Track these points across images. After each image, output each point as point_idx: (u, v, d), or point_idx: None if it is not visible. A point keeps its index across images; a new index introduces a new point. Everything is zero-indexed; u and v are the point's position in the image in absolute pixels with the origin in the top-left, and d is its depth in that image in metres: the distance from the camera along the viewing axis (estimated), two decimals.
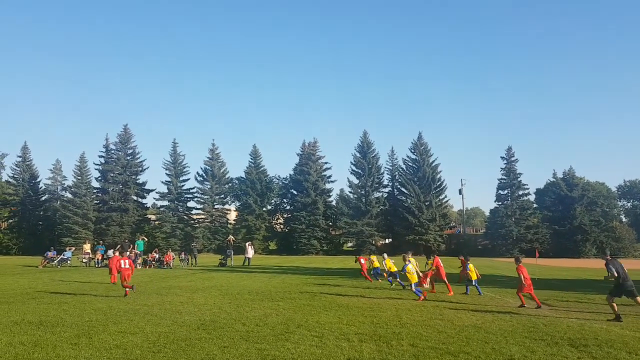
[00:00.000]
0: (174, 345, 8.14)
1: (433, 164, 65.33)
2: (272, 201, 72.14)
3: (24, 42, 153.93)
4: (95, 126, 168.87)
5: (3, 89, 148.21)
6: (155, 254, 32.48)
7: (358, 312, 12.20)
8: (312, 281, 21.00)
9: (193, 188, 68.06)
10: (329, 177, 68.96)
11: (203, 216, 68.19)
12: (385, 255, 20.38)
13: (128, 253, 32.11)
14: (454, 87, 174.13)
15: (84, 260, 31.95)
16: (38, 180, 67.67)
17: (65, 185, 67.83)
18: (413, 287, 15.13)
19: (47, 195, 68.78)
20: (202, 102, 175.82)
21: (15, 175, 67.19)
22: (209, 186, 67.77)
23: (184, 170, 67.36)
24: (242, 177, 69.39)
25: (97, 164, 64.65)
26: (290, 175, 70.11)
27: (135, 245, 32.14)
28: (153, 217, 69.08)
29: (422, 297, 14.70)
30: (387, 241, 68.04)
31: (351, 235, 64.42)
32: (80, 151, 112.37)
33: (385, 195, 67.13)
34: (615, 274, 11.75)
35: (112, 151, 64.99)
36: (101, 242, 40.24)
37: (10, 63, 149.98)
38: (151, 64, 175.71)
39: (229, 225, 68.41)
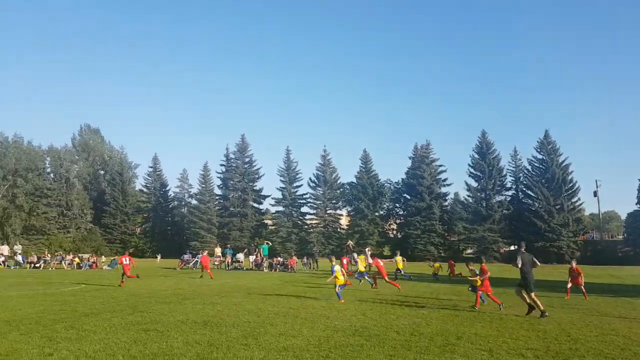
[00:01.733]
0: (338, 351, 8.10)
1: (563, 164, 60.61)
2: (385, 206, 71.71)
3: (157, 57, 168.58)
4: (217, 136, 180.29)
5: (135, 107, 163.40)
6: (279, 258, 33.65)
7: (516, 324, 11.40)
8: (445, 289, 20.26)
9: (306, 194, 69.93)
10: (444, 180, 67.08)
11: (316, 221, 69.74)
12: (355, 255, 20.62)
13: (254, 257, 33.91)
14: (579, 78, 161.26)
15: (216, 263, 33.94)
16: (167, 188, 73.91)
17: (191, 193, 73.51)
18: (337, 288, 15.44)
19: (175, 202, 74.82)
20: (313, 108, 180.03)
21: (147, 185, 73.89)
22: (321, 191, 69.12)
23: (297, 176, 69.51)
24: (353, 182, 69.80)
25: (218, 172, 69.37)
26: (402, 179, 69.19)
27: (261, 249, 33.47)
28: (270, 222, 72.05)
29: (342, 300, 14.95)
30: (512, 248, 64.38)
31: (471, 241, 61.90)
32: (204, 160, 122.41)
33: (509, 199, 63.69)
34: (519, 264, 12.53)
35: (232, 160, 69.09)
36: (228, 245, 42.58)
37: (141, 81, 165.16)
38: (265, 72, 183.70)
39: (341, 230, 69.27)
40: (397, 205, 71.33)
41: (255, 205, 69.71)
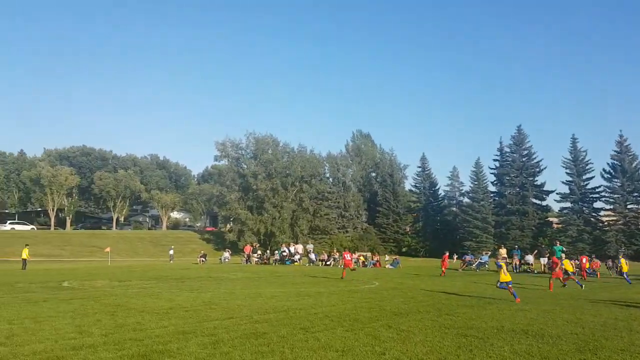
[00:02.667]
0: None
1: None
2: None
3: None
4: (489, 131, 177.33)
5: (402, 109, 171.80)
6: (574, 260, 30.61)
7: None
8: None
9: (599, 187, 62.67)
10: None
11: (614, 218, 61.88)
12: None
13: (545, 258, 31.59)
14: None
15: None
16: (437, 187, 75.39)
17: (463, 191, 73.17)
18: (509, 286, 15.31)
19: (446, 201, 75.61)
20: (602, 93, 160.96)
21: (416, 184, 76.79)
22: (619, 184, 61.07)
23: (587, 167, 62.81)
24: None
25: (492, 168, 67.58)
26: None
27: (554, 251, 30.85)
28: (555, 219, 66.91)
29: (518, 299, 14.85)
30: None
31: None
32: (475, 157, 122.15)
33: None
34: None
35: (507, 154, 66.51)
36: (516, 246, 40.66)
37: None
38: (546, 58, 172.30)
39: None
40: None
41: (537, 201, 65.59)
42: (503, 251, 34.51)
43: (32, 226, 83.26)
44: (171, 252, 49.30)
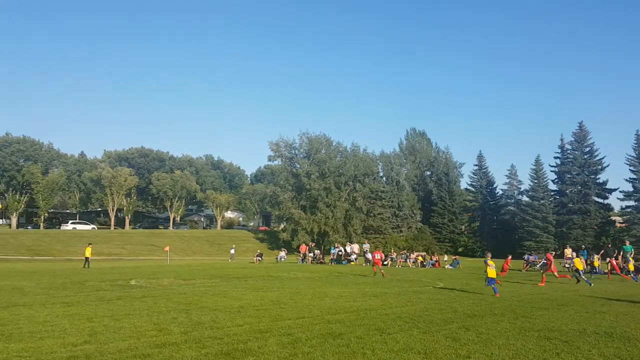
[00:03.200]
0: None
1: None
2: None
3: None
4: (549, 128, 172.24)
5: (459, 108, 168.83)
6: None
7: None
8: None
9: None
10: None
11: None
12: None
13: (614, 258, 30.06)
14: None
15: (566, 266, 31.62)
16: (494, 186, 73.65)
17: (522, 190, 71.28)
18: (486, 281, 16.55)
19: (503, 200, 73.77)
20: None
21: (473, 183, 75.31)
22: None
23: None
24: None
25: (552, 166, 65.77)
26: None
27: (622, 250, 29.52)
28: (618, 218, 64.24)
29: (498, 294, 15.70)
30: None
31: None
32: (534, 154, 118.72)
33: None
34: None
35: (568, 151, 64.55)
36: (583, 247, 39.26)
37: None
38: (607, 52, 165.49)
39: None
40: None
41: (599, 200, 63.13)
42: (568, 251, 33.24)
43: (92, 226, 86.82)
44: (232, 251, 50.31)
